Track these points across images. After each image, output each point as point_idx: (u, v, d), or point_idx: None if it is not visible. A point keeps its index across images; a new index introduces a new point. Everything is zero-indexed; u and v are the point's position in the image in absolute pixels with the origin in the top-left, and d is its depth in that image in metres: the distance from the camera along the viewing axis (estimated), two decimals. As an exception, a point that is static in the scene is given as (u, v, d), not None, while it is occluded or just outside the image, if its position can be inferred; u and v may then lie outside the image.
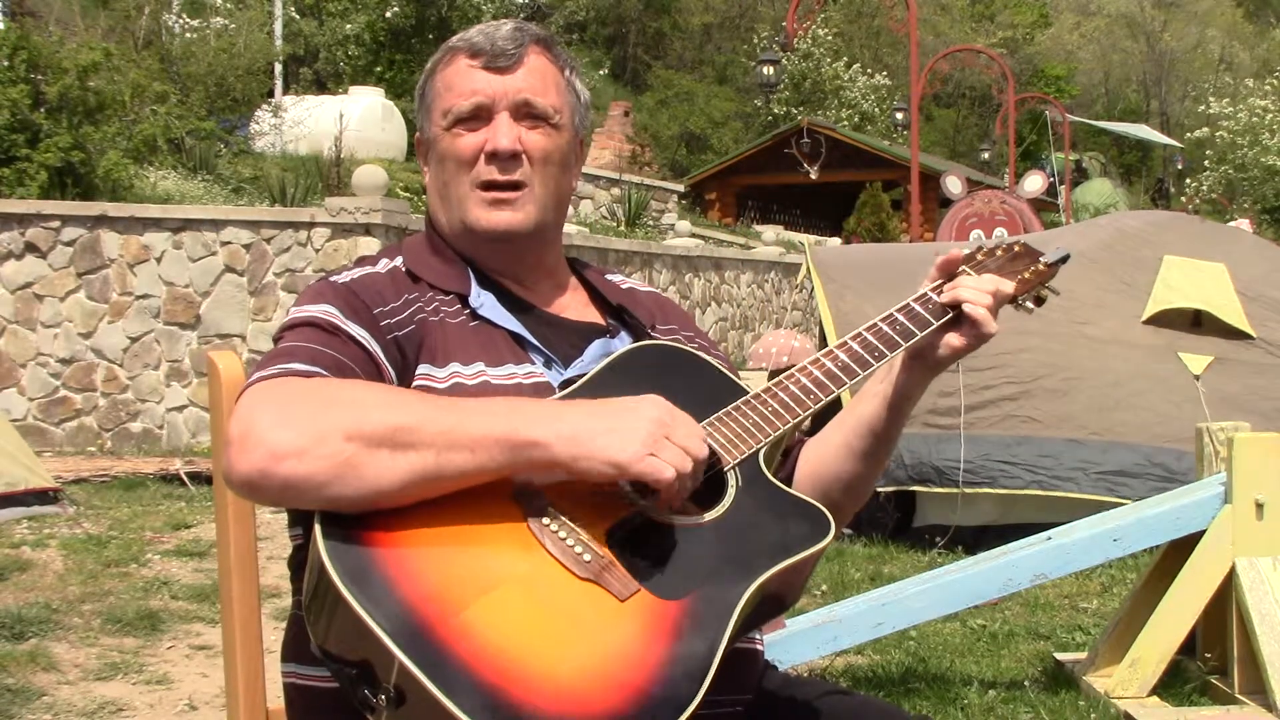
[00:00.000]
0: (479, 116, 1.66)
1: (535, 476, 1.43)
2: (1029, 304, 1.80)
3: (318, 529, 1.36)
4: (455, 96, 1.68)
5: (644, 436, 1.40)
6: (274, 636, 1.96)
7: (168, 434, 9.94)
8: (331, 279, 1.65)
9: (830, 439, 1.75)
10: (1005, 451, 6.52)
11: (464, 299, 1.66)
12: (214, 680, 4.29)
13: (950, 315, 1.68)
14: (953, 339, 1.67)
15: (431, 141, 1.72)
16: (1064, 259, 1.82)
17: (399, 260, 1.69)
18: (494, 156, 1.65)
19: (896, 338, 1.67)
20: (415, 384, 1.57)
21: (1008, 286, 1.70)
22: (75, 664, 4.44)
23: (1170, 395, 6.63)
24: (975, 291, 1.66)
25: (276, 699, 1.69)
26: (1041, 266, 1.80)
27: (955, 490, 6.52)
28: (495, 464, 1.40)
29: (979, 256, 1.78)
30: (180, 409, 9.98)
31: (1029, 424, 6.60)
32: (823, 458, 1.74)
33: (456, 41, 1.72)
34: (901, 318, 1.68)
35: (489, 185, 1.67)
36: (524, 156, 1.66)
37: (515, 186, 1.67)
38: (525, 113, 1.67)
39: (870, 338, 1.67)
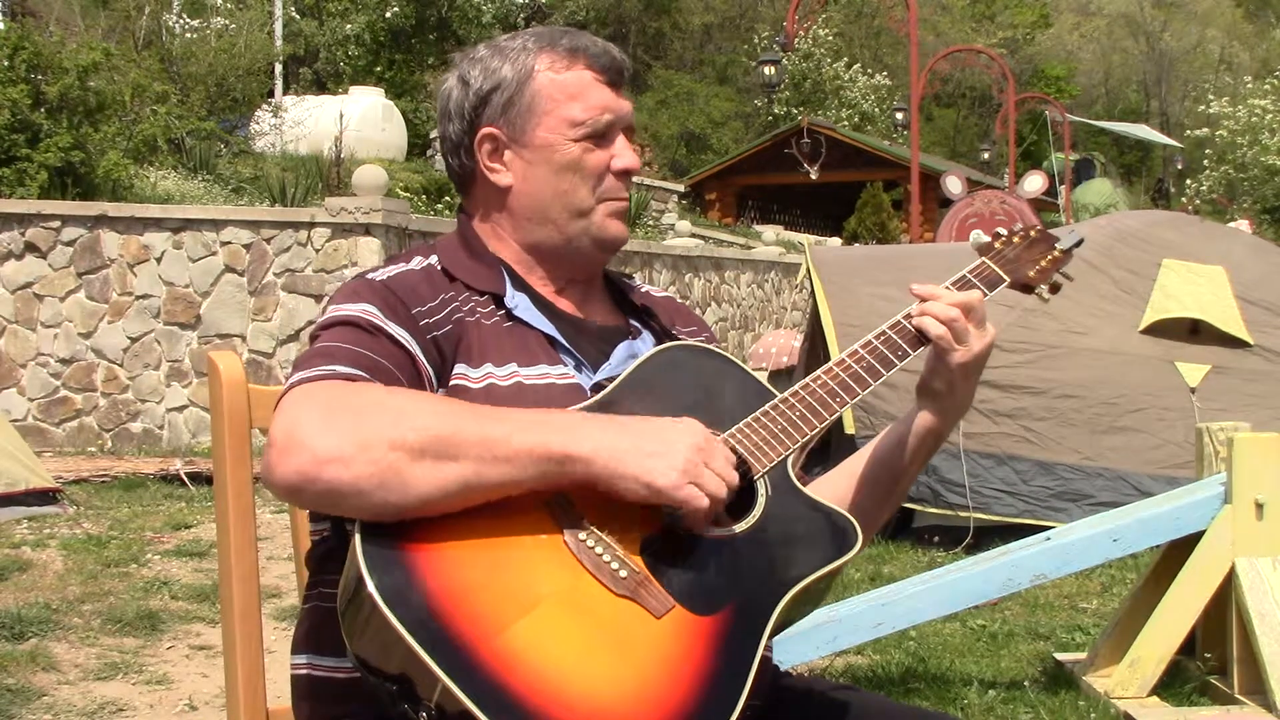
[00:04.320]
0: (607, 134, 1.69)
1: (568, 490, 1.44)
2: (1045, 293, 1.79)
3: (357, 541, 1.36)
4: (589, 110, 1.67)
5: (684, 464, 1.41)
6: (274, 636, 1.96)
7: (168, 434, 9.94)
8: (368, 276, 1.65)
9: (842, 469, 1.76)
10: (1000, 475, 6.57)
11: (499, 299, 1.66)
12: (214, 680, 4.29)
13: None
14: (932, 362, 1.66)
15: (541, 147, 1.68)
16: (1078, 243, 1.82)
17: (433, 259, 1.69)
18: (624, 175, 1.71)
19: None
20: (452, 384, 1.57)
21: (974, 296, 1.66)
22: (75, 664, 4.44)
23: (1165, 415, 6.65)
24: (932, 320, 1.63)
25: (277, 699, 1.69)
26: (1058, 253, 1.80)
27: (950, 512, 6.60)
28: (533, 477, 1.41)
29: (997, 245, 1.79)
30: (180, 409, 9.98)
31: (1023, 444, 6.64)
32: (832, 486, 1.74)
33: (562, 45, 1.69)
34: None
35: (615, 199, 1.71)
36: None
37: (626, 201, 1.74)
38: (628, 133, 1.73)
39: (892, 334, 1.66)
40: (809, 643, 3.90)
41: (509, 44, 1.72)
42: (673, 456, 1.41)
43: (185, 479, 8.06)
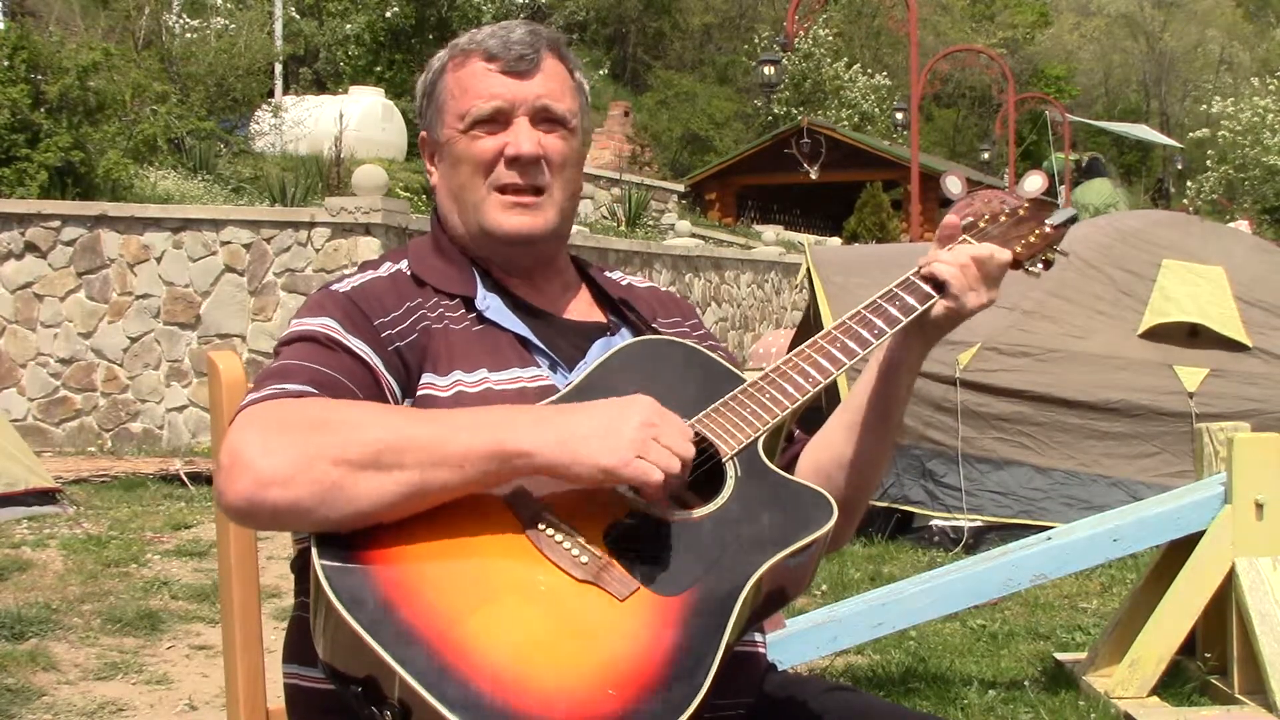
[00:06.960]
0: (497, 120, 1.67)
1: (525, 482, 1.43)
2: (1037, 268, 1.76)
3: (314, 549, 1.36)
4: (473, 99, 1.67)
5: (631, 440, 1.39)
6: (274, 636, 1.96)
7: (168, 434, 9.94)
8: (333, 288, 1.64)
9: (829, 426, 1.75)
10: (995, 479, 6.59)
11: (469, 302, 1.65)
12: (214, 680, 4.29)
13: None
14: (942, 308, 1.65)
15: (444, 144, 1.71)
16: (1072, 219, 1.78)
17: (403, 264, 1.69)
18: (515, 161, 1.66)
19: (896, 314, 1.65)
20: (419, 393, 1.56)
21: (1003, 255, 1.66)
22: (75, 664, 4.44)
23: (1162, 421, 6.65)
24: (949, 266, 1.64)
25: (276, 699, 1.69)
26: (1048, 229, 1.76)
27: (946, 515, 6.61)
28: (483, 475, 1.40)
29: (981, 224, 1.74)
30: (180, 409, 9.98)
31: (1020, 449, 6.64)
32: (826, 444, 1.73)
33: (468, 43, 1.71)
34: (901, 292, 1.67)
35: (507, 189, 1.67)
36: (544, 161, 1.67)
37: (537, 191, 1.68)
38: (543, 117, 1.68)
39: (869, 315, 1.65)
40: (809, 643, 3.90)
41: (440, 52, 1.77)
42: (617, 435, 1.39)
43: (185, 479, 8.06)
